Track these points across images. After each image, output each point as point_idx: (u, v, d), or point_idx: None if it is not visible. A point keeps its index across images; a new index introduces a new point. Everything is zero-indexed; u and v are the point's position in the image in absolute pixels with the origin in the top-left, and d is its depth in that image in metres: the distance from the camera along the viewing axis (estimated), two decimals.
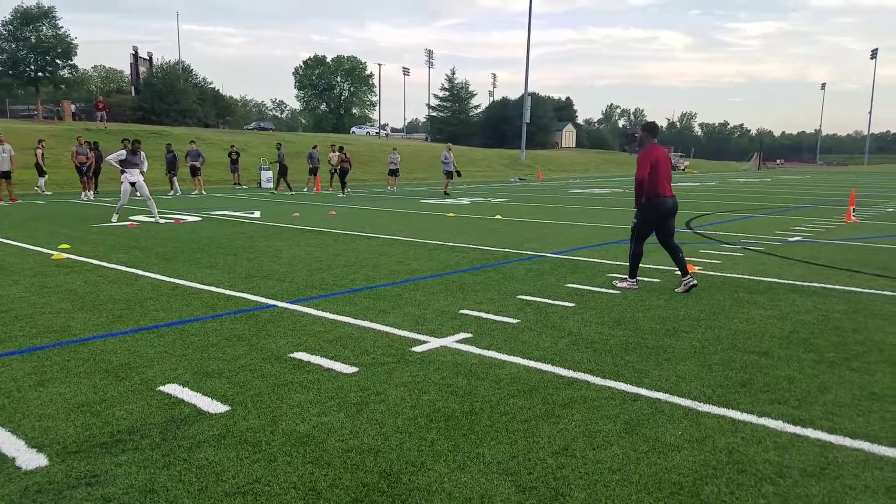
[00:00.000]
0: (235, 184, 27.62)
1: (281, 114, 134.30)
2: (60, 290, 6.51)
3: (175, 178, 22.18)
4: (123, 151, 12.88)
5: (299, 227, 12.37)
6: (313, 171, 25.87)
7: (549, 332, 5.07)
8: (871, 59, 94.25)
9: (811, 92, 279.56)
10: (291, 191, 24.52)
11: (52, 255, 8.69)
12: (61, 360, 4.34)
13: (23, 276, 7.23)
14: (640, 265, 6.93)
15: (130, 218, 13.90)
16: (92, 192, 20.41)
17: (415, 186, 30.65)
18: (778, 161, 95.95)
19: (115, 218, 12.87)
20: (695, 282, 6.54)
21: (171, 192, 22.07)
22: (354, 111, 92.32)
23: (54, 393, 3.75)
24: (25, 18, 55.13)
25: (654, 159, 6.47)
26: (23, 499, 2.63)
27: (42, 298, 6.15)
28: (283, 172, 25.13)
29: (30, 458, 2.96)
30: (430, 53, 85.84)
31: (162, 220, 12.79)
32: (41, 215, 14.68)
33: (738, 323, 5.38)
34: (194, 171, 22.77)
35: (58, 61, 57.43)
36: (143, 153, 13.25)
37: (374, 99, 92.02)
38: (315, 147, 27.11)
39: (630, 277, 6.80)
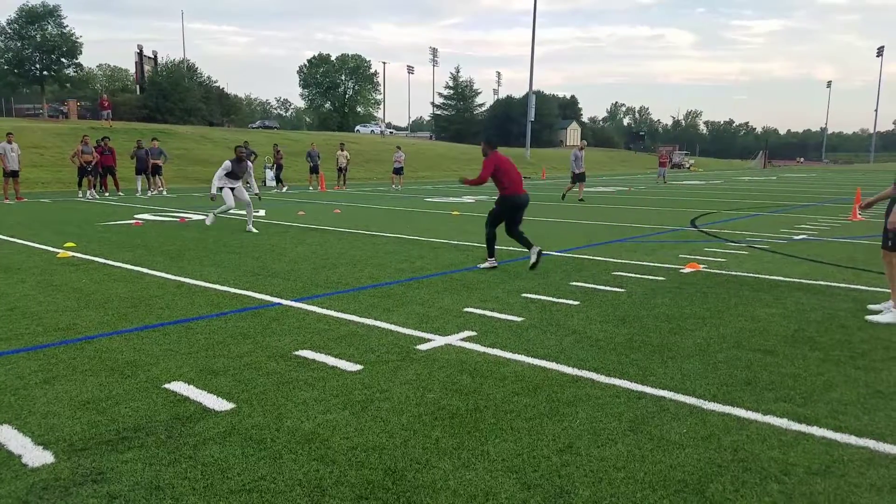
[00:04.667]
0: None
1: (286, 112, 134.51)
2: (66, 289, 6.53)
3: (141, 178, 21.59)
4: (228, 163, 10.88)
5: (304, 225, 12.38)
6: (314, 170, 25.95)
7: (553, 330, 5.06)
8: (878, 56, 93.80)
9: (817, 90, 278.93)
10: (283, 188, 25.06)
11: (58, 253, 8.72)
12: (67, 357, 4.36)
13: (29, 275, 7.26)
14: (645, 264, 6.97)
15: (136, 216, 13.94)
16: (96, 191, 20.39)
17: (419, 185, 30.65)
18: (799, 159, 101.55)
19: (209, 219, 11.14)
20: (539, 247, 7.58)
21: (150, 192, 21.76)
22: (359, 109, 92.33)
23: (60, 391, 3.76)
24: (31, 17, 55.33)
25: (497, 165, 7.63)
26: (29, 496, 2.64)
27: (48, 297, 6.17)
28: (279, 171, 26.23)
29: (36, 456, 2.97)
30: (434, 52, 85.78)
31: (255, 230, 11.12)
32: (47, 214, 14.74)
33: (744, 321, 5.37)
34: (157, 170, 22.34)
35: (63, 60, 57.65)
36: (249, 163, 11.38)
37: (379, 97, 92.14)
38: (312, 145, 27.22)
39: (489, 257, 7.78)
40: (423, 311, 5.62)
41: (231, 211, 11.23)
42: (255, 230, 11.08)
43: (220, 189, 10.93)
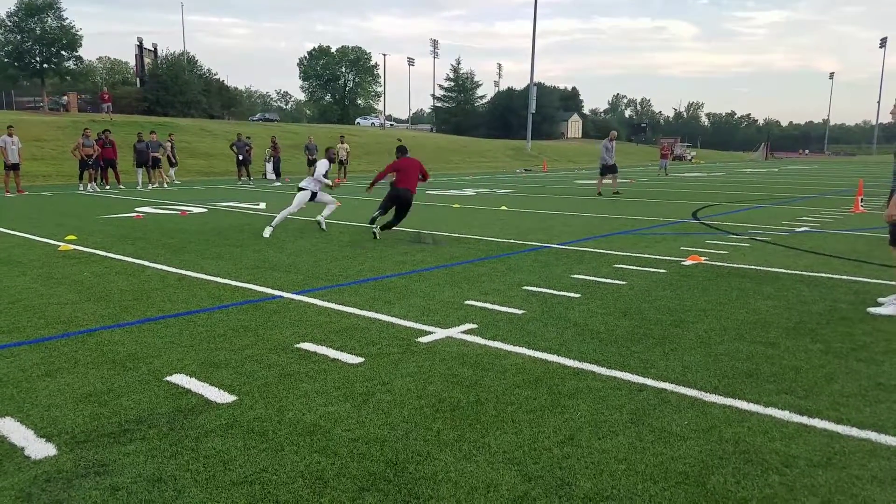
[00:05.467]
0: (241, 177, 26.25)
1: (286, 105, 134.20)
2: (67, 281, 6.54)
3: (142, 171, 21.61)
4: (327, 163, 10.05)
5: (305, 218, 12.38)
6: (312, 163, 25.92)
7: (554, 322, 5.06)
8: (881, 47, 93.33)
9: (819, 81, 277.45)
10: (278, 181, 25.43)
11: (59, 246, 8.73)
12: (69, 350, 4.37)
13: (30, 268, 7.27)
14: (646, 256, 7.02)
15: (136, 209, 13.94)
16: (97, 184, 20.37)
17: None
18: (805, 151, 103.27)
19: (268, 232, 9.69)
20: (376, 229, 9.57)
21: (151, 185, 21.80)
22: (359, 102, 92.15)
23: (62, 383, 3.77)
24: (30, 10, 55.15)
25: (398, 166, 9.92)
26: (32, 488, 2.65)
27: (49, 289, 6.18)
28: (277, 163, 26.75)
29: (39, 448, 2.98)
30: (434, 43, 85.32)
31: (324, 227, 10.41)
32: (48, 207, 14.74)
33: (745, 313, 5.37)
34: (156, 163, 22.33)
35: (63, 53, 57.51)
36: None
37: (379, 90, 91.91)
38: (310, 138, 27.20)
39: (370, 223, 9.77)
40: (423, 304, 5.62)
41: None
42: (325, 228, 10.39)
43: (302, 189, 9.98)
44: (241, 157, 24.58)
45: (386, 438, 3.09)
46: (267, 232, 9.70)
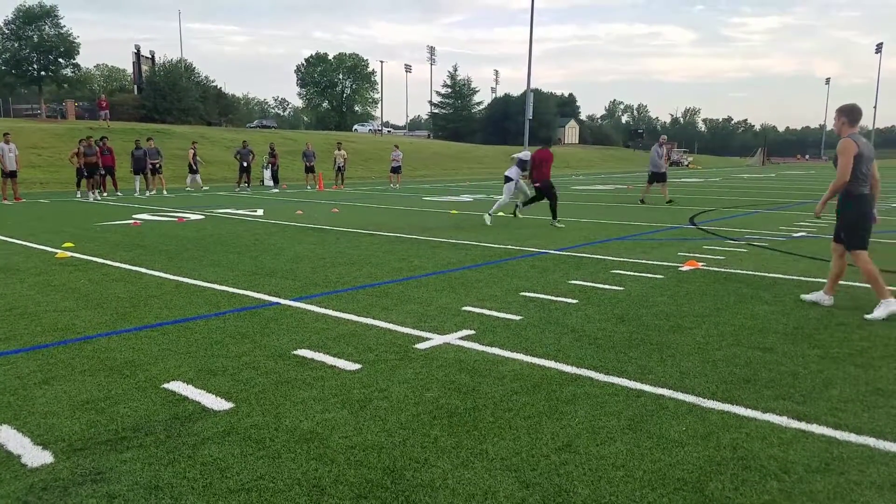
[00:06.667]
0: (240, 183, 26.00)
1: (283, 112, 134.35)
2: (65, 289, 6.52)
3: (139, 178, 21.66)
4: (527, 152, 12.75)
5: (302, 224, 12.38)
6: (309, 170, 25.90)
7: (552, 328, 5.06)
8: (877, 53, 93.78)
9: (816, 87, 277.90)
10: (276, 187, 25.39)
11: (57, 253, 8.71)
12: (66, 358, 4.35)
13: (27, 275, 7.25)
14: (644, 262, 7.05)
15: (134, 216, 13.93)
16: (99, 193, 20.28)
17: (417, 184, 30.64)
18: (806, 156, 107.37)
19: (489, 219, 12.16)
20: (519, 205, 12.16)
21: (149, 192, 21.81)
22: (357, 108, 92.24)
23: (59, 391, 3.76)
24: (28, 17, 55.20)
25: (535, 158, 11.82)
26: (29, 496, 2.64)
27: (46, 297, 6.16)
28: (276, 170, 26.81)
29: (35, 456, 2.97)
30: (432, 50, 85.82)
31: (488, 221, 12.07)
32: (45, 214, 14.72)
33: (743, 319, 5.37)
34: (155, 170, 22.34)
35: (60, 60, 57.50)
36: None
37: (377, 96, 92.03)
38: (308, 144, 27.19)
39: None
40: (421, 310, 5.61)
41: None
42: (488, 222, 12.09)
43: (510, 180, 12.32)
44: (244, 164, 24.57)
45: (383, 445, 3.08)
46: (488, 219, 12.13)
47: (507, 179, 12.27)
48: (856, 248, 5.80)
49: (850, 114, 5.91)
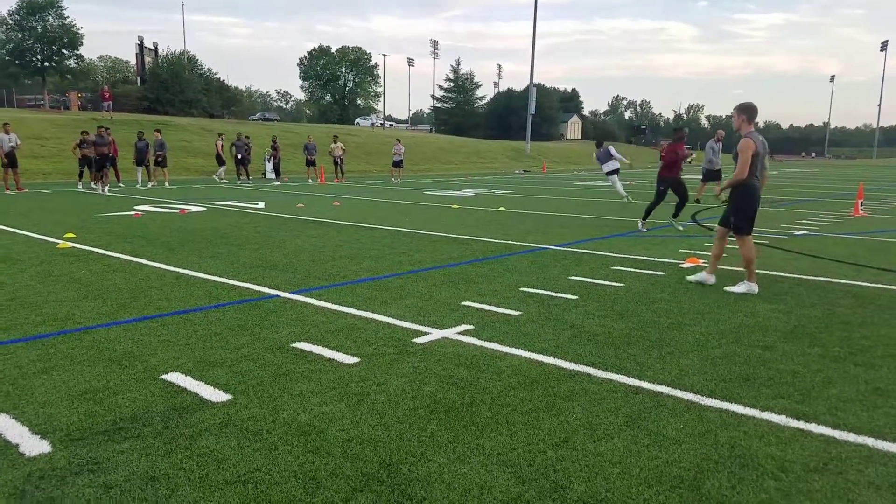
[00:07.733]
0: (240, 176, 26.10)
1: (286, 104, 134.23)
2: (65, 279, 6.53)
3: (141, 169, 21.66)
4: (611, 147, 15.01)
5: (303, 217, 12.37)
6: (311, 163, 25.87)
7: (551, 324, 5.06)
8: (881, 50, 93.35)
9: (820, 84, 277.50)
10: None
11: (58, 244, 8.72)
12: (65, 348, 4.36)
13: (28, 265, 7.26)
14: (644, 258, 7.23)
15: (135, 208, 13.93)
16: (106, 186, 20.20)
17: (419, 178, 30.61)
18: (811, 154, 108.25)
19: (627, 196, 14.67)
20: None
21: (151, 183, 21.82)
22: (359, 102, 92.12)
23: (58, 380, 3.76)
24: (31, 8, 55.20)
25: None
26: (26, 485, 2.64)
27: (47, 287, 6.17)
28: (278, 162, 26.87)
29: (33, 445, 2.97)
30: (434, 44, 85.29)
31: (628, 196, 13.79)
32: (47, 204, 14.73)
33: (742, 317, 5.36)
34: (158, 162, 22.34)
35: (64, 51, 57.58)
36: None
37: (379, 90, 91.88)
38: (309, 137, 27.17)
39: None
40: (420, 305, 5.61)
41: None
42: (628, 199, 14.92)
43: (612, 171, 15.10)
44: (239, 157, 24.51)
45: (380, 439, 3.08)
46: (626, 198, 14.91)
47: (611, 173, 14.52)
48: (741, 234, 6.25)
49: (748, 111, 6.24)
